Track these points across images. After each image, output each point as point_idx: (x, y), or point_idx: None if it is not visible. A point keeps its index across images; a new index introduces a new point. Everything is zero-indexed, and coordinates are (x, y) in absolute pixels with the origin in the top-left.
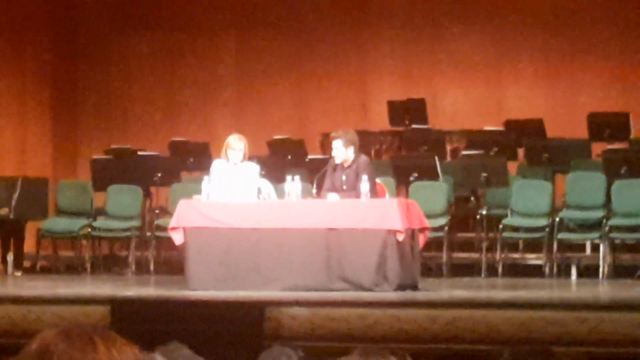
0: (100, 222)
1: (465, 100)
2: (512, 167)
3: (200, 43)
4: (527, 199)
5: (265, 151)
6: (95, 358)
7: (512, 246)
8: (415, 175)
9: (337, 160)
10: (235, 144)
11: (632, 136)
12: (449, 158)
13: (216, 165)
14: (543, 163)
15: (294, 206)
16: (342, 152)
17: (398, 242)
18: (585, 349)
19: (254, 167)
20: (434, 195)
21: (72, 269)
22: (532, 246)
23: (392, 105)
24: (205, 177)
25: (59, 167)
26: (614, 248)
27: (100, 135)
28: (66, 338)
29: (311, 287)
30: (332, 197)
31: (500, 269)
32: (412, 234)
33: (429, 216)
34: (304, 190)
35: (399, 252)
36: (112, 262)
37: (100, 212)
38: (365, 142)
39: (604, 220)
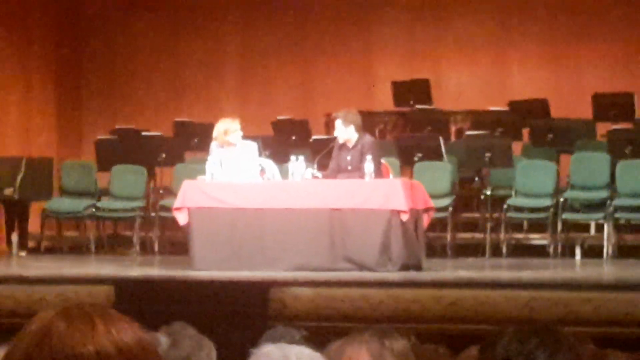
0: (104, 202)
1: (470, 81)
2: (516, 147)
3: (204, 23)
4: (531, 180)
5: (269, 131)
6: (94, 337)
7: (517, 226)
8: (420, 155)
9: (340, 140)
10: (235, 126)
11: (636, 116)
12: (453, 138)
13: (215, 146)
14: (547, 143)
15: (298, 186)
16: (342, 131)
17: (402, 223)
18: (589, 328)
19: (253, 146)
20: (438, 175)
21: (77, 249)
22: (537, 226)
23: (396, 85)
24: (209, 158)
25: (63, 148)
26: (618, 228)
27: (104, 115)
28: (65, 318)
29: (315, 267)
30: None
31: (504, 249)
32: (416, 215)
33: (433, 196)
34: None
35: (403, 233)
36: (116, 242)
37: (105, 192)
38: (369, 122)
39: (609, 201)
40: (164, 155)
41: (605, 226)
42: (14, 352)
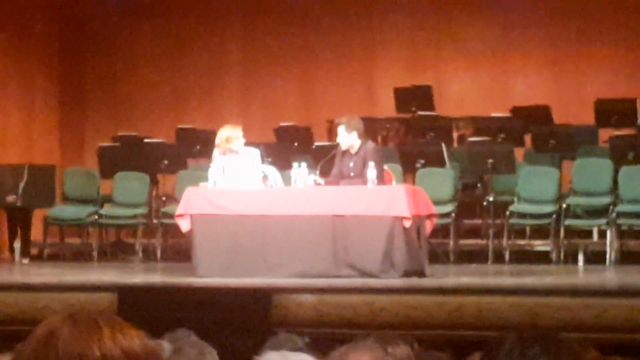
0: (107, 209)
1: (472, 87)
2: (518, 153)
3: (206, 30)
4: (533, 186)
5: (271, 138)
6: (100, 342)
7: (519, 233)
8: (422, 162)
9: (342, 147)
10: (237, 133)
11: (639, 122)
12: (455, 145)
13: (217, 154)
14: (550, 149)
15: (300, 193)
16: (346, 137)
17: (405, 229)
18: (592, 335)
19: (255, 152)
20: (440, 181)
21: (79, 256)
22: (539, 232)
23: (398, 92)
24: (212, 165)
25: (65, 155)
26: (621, 234)
27: (106, 122)
28: (71, 323)
29: (318, 274)
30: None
31: (507, 256)
32: (418, 221)
33: (435, 203)
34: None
35: (405, 239)
36: (119, 249)
37: (107, 199)
38: (371, 128)
39: (611, 207)
40: (166, 162)
41: (608, 232)
42: (21, 356)
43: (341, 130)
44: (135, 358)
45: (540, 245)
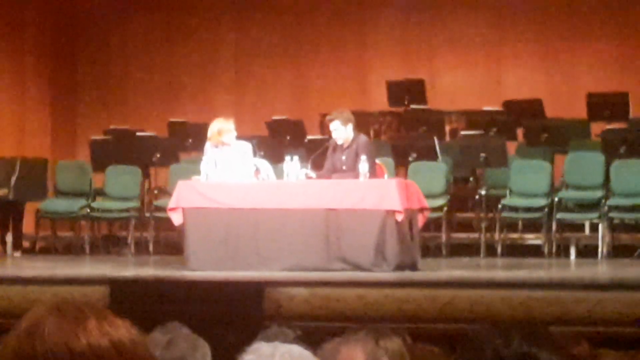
0: (99, 202)
1: (465, 81)
2: (511, 147)
3: (199, 24)
4: (526, 179)
5: (264, 132)
6: (86, 331)
7: (511, 226)
8: (414, 155)
9: (339, 141)
10: (229, 126)
11: (631, 116)
12: (448, 138)
13: (209, 147)
14: (542, 143)
15: (293, 186)
16: (342, 131)
17: (397, 223)
18: (584, 328)
19: (247, 146)
20: (433, 175)
21: (71, 249)
22: (531, 226)
23: (391, 85)
24: (204, 158)
25: (57, 148)
26: (613, 228)
27: (99, 116)
28: (57, 313)
29: (310, 268)
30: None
31: (499, 249)
32: (411, 214)
33: (428, 196)
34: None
35: (398, 233)
36: (111, 242)
37: (99, 192)
38: (364, 122)
39: (603, 200)
40: (158, 155)
41: (600, 226)
42: (6, 348)
43: (337, 125)
44: (122, 348)
45: (532, 238)
